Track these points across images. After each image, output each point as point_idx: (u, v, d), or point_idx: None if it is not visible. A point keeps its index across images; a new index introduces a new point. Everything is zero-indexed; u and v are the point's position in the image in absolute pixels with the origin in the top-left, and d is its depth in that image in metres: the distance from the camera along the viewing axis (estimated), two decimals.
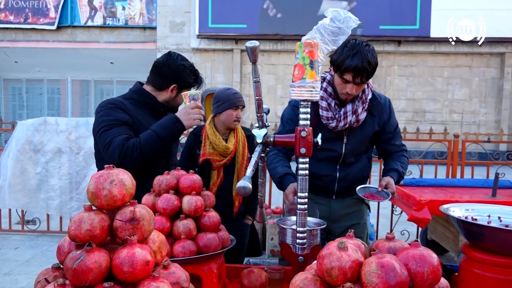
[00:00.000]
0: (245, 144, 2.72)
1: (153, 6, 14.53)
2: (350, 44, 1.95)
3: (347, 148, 2.17)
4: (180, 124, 1.99)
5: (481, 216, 1.53)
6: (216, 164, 2.61)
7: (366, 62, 1.92)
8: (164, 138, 1.97)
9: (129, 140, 1.93)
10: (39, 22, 14.68)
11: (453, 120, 13.67)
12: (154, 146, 1.95)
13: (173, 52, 2.18)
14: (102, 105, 2.05)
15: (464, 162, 4.91)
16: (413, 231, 4.71)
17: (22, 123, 4.77)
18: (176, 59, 2.12)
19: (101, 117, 2.00)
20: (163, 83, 2.12)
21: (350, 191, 2.23)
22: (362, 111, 2.10)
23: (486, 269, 1.34)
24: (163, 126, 1.98)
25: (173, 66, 2.10)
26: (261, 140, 1.50)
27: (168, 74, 2.10)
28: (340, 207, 2.27)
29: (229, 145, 2.62)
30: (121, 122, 1.98)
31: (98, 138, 1.99)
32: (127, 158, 1.89)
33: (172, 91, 2.13)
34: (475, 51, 13.27)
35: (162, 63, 2.13)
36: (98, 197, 1.02)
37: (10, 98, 16.82)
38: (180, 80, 2.12)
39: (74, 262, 0.95)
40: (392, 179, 2.12)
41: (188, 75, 2.14)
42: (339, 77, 2.00)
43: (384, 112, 2.21)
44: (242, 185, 1.30)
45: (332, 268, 0.98)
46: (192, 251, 1.52)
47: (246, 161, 2.68)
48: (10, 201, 4.65)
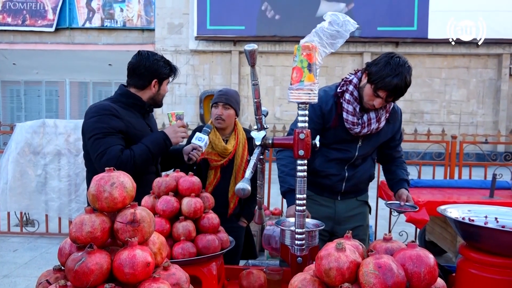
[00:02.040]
0: (246, 146, 2.70)
1: (151, 8, 14.54)
2: (393, 62, 1.91)
3: (360, 151, 2.19)
4: (169, 142, 2.18)
5: (478, 217, 1.55)
6: (213, 164, 2.61)
7: (404, 84, 1.91)
8: (154, 154, 2.13)
9: (123, 152, 2.03)
10: (37, 24, 14.67)
11: (451, 121, 13.70)
12: (145, 160, 2.10)
13: (142, 50, 2.27)
14: (94, 110, 2.09)
15: (462, 163, 4.93)
16: (411, 232, 4.72)
17: (21, 125, 4.77)
18: (148, 56, 2.21)
19: (94, 124, 2.04)
20: (145, 82, 2.21)
21: (356, 191, 2.29)
22: (383, 120, 2.13)
23: (483, 270, 1.35)
24: (155, 143, 2.14)
25: (148, 63, 2.19)
26: (260, 142, 1.52)
27: (146, 73, 2.19)
28: (345, 208, 2.29)
29: (228, 146, 2.62)
30: (115, 130, 2.05)
31: (91, 145, 2.04)
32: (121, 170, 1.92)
33: (155, 86, 2.23)
34: (473, 52, 13.32)
35: (136, 64, 2.20)
36: (99, 200, 1.04)
37: (8, 100, 16.78)
38: (158, 74, 2.21)
39: (75, 264, 0.96)
40: (407, 191, 2.23)
41: (164, 67, 2.23)
42: (372, 90, 1.97)
43: (397, 120, 2.26)
44: (241, 187, 1.31)
45: (330, 268, 0.99)
46: (192, 253, 1.53)
47: (245, 164, 2.68)
48: (11, 204, 4.66)
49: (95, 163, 2.04)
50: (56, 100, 16.68)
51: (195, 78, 14.00)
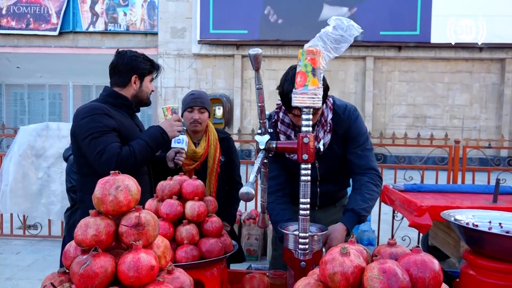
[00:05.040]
0: (217, 147, 2.64)
1: (155, 12, 14.60)
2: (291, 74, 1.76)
3: (321, 170, 2.05)
4: (166, 135, 2.17)
5: (482, 222, 1.54)
6: (186, 168, 2.53)
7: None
8: (153, 148, 2.12)
9: (122, 149, 2.01)
10: (41, 28, 14.75)
11: (453, 125, 13.68)
12: (146, 156, 2.09)
13: (121, 49, 2.28)
14: (86, 110, 2.08)
15: (465, 167, 4.91)
16: (414, 237, 4.70)
17: (24, 128, 4.79)
18: (125, 53, 2.23)
19: (88, 124, 2.03)
20: (125, 79, 2.20)
21: (333, 202, 2.21)
22: (325, 135, 1.94)
23: (487, 275, 1.35)
24: (153, 137, 2.12)
25: (126, 60, 2.20)
26: (264, 146, 1.52)
27: (124, 69, 2.20)
28: (324, 216, 2.16)
29: (197, 150, 2.55)
30: (110, 128, 2.04)
31: (87, 145, 2.02)
32: (122, 167, 1.93)
33: (136, 83, 2.22)
34: (476, 56, 13.31)
35: (115, 62, 2.22)
36: (104, 203, 1.04)
37: (11, 104, 16.85)
38: (137, 69, 2.21)
39: (80, 267, 0.96)
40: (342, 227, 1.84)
41: (142, 62, 2.23)
42: (289, 112, 1.85)
43: (346, 125, 1.98)
44: (245, 191, 1.31)
45: (335, 273, 0.99)
46: (195, 256, 1.53)
47: (217, 165, 2.62)
48: (11, 206, 4.66)
49: (94, 163, 2.01)
50: (59, 103, 16.74)
51: (197, 82, 14.03)
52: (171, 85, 13.97)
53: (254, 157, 5.96)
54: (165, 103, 13.60)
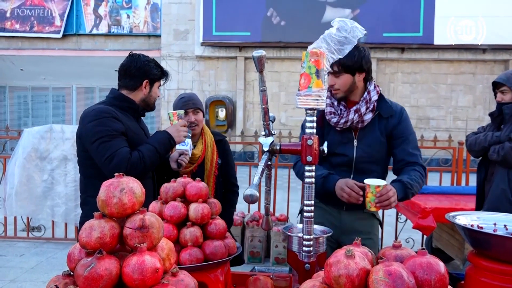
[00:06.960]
0: (214, 150, 2.63)
1: (158, 14, 14.65)
2: None
3: (358, 151, 2.08)
4: (173, 141, 2.19)
5: (487, 224, 1.53)
6: (182, 171, 2.49)
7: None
8: (161, 154, 2.14)
9: (132, 154, 2.02)
10: (44, 30, 14.82)
11: (457, 127, 13.64)
12: (154, 161, 2.11)
13: (134, 53, 2.29)
14: (93, 114, 2.07)
15: (469, 169, 4.89)
16: (418, 239, 4.69)
17: (28, 130, 4.80)
18: (139, 57, 2.23)
19: (95, 127, 2.02)
20: (136, 83, 2.21)
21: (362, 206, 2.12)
22: (366, 111, 2.04)
23: (493, 277, 1.34)
24: (161, 142, 2.14)
25: (139, 64, 2.20)
26: (268, 148, 1.52)
27: (137, 73, 2.20)
28: (350, 219, 2.16)
29: (195, 152, 2.55)
30: (118, 132, 2.04)
31: (96, 149, 2.01)
32: (132, 172, 1.94)
33: (146, 87, 2.23)
34: (479, 58, 13.27)
35: (127, 65, 2.22)
36: (108, 205, 1.04)
37: (15, 106, 16.92)
38: (149, 74, 2.22)
39: (85, 269, 0.96)
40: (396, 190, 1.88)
41: (154, 68, 2.25)
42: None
43: (394, 116, 2.09)
44: (249, 193, 1.31)
45: (340, 275, 0.98)
46: (199, 259, 1.52)
47: (215, 168, 2.61)
48: (17, 209, 4.68)
49: (103, 167, 2.01)
50: (63, 105, 16.79)
51: (200, 84, 14.05)
52: (174, 87, 13.99)
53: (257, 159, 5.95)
54: (168, 105, 13.61)
